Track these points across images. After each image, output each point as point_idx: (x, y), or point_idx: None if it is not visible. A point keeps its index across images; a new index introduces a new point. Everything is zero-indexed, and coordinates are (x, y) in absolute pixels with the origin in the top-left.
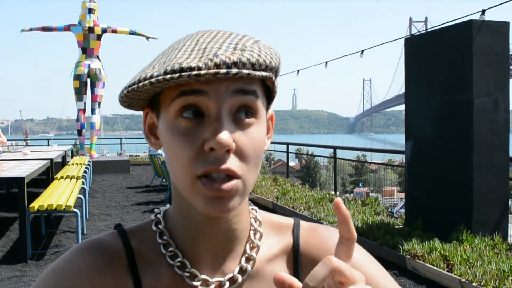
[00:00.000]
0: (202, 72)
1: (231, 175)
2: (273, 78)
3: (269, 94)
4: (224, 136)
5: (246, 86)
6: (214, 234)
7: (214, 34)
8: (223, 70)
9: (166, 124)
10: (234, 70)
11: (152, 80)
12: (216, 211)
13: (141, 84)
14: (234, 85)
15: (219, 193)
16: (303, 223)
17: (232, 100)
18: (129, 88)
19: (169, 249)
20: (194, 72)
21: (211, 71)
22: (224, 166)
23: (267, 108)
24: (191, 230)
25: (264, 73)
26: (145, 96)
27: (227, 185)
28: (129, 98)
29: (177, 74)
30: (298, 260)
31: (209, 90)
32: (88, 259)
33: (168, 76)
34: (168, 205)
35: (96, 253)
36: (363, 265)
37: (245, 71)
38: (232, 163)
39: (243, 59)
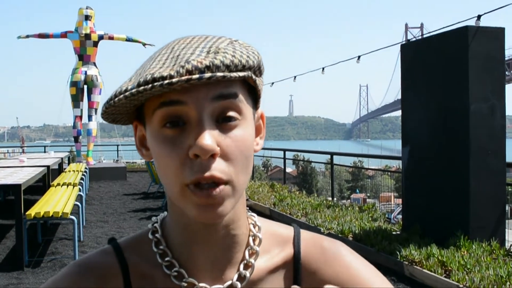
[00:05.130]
0: (174, 80)
1: (217, 182)
2: (254, 77)
3: (255, 93)
4: (206, 140)
5: (225, 90)
6: (212, 240)
7: (190, 40)
8: (196, 76)
9: (151, 134)
10: (208, 74)
11: (127, 94)
12: (207, 218)
13: (116, 99)
14: (213, 91)
15: (208, 200)
16: (303, 233)
17: (212, 106)
18: (107, 104)
19: (166, 258)
20: (166, 81)
21: (183, 78)
22: (208, 174)
23: (256, 107)
24: (188, 238)
25: (241, 74)
26: (126, 110)
27: (215, 191)
28: (110, 114)
29: (150, 85)
30: (299, 270)
31: (187, 100)
32: (77, 284)
33: (141, 88)
34: (165, 213)
35: (86, 276)
36: (360, 271)
37: (219, 74)
38: (217, 169)
39: (216, 62)
